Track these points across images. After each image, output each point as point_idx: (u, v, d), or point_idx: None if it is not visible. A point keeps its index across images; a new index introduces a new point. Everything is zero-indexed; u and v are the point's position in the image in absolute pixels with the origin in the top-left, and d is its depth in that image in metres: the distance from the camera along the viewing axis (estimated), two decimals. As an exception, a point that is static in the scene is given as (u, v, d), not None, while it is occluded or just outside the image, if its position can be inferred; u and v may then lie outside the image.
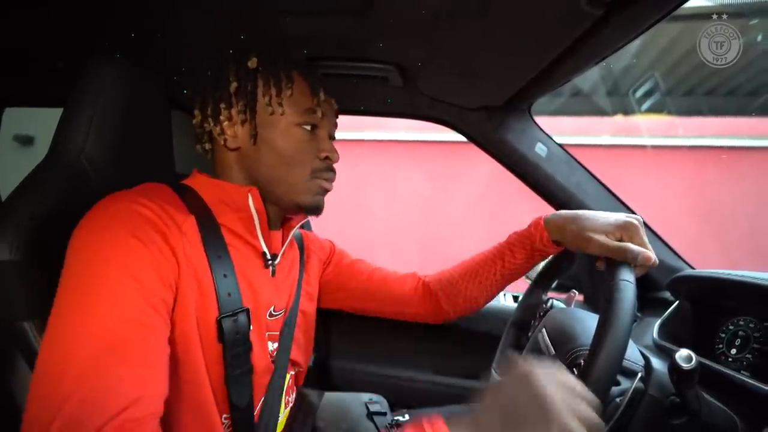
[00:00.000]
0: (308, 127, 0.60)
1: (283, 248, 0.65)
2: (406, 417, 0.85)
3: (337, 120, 0.66)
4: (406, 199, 3.82)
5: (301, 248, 0.76)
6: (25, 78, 1.03)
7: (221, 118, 0.58)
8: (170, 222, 0.49)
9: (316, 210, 0.63)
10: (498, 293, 0.77)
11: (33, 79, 1.02)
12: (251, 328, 0.56)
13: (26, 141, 2.72)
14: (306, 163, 0.60)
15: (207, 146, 0.61)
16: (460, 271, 0.78)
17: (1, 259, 0.48)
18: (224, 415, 0.54)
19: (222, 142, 0.59)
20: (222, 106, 0.58)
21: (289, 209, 0.63)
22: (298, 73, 0.60)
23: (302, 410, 0.75)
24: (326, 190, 0.63)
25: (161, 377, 0.44)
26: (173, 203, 0.52)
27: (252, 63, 0.58)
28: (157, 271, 0.46)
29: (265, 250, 0.61)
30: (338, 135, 0.67)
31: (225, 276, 0.53)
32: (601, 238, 0.58)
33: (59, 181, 0.55)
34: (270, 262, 0.62)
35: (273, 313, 0.63)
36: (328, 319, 1.11)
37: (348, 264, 0.83)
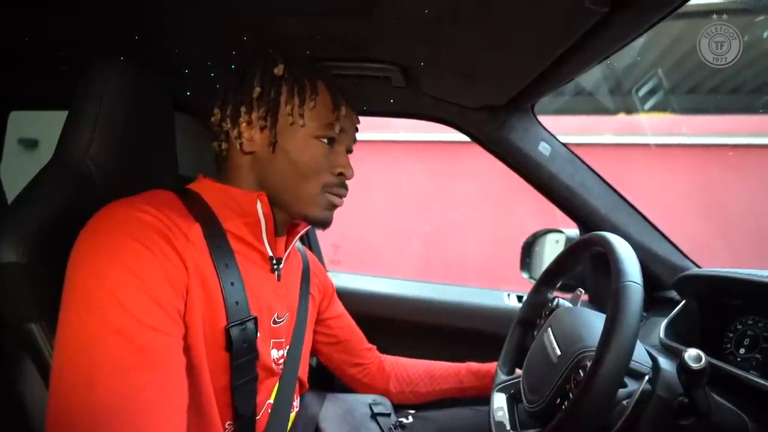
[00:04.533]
0: (326, 141, 0.59)
1: (287, 252, 0.65)
2: (410, 419, 0.85)
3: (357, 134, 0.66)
4: (408, 200, 3.82)
5: (305, 261, 0.77)
6: (29, 81, 1.03)
7: (240, 120, 0.57)
8: (176, 229, 0.48)
9: (324, 224, 0.62)
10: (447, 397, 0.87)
11: (37, 82, 1.03)
12: (258, 335, 0.55)
13: (31, 144, 2.73)
14: (319, 177, 0.59)
15: (224, 145, 0.60)
16: (421, 373, 0.88)
17: (7, 261, 0.48)
18: (228, 422, 0.54)
19: (237, 146, 0.58)
20: (243, 109, 0.57)
21: (297, 218, 0.62)
22: (324, 84, 0.59)
23: (306, 412, 0.75)
24: (335, 206, 0.62)
25: (183, 386, 0.44)
26: (177, 210, 0.51)
27: (278, 70, 0.57)
28: (167, 277, 0.45)
29: (272, 254, 0.61)
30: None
31: (232, 284, 0.53)
32: None
33: (64, 183, 0.55)
34: (276, 266, 0.62)
35: (276, 320, 0.62)
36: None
37: (340, 315, 0.86)
